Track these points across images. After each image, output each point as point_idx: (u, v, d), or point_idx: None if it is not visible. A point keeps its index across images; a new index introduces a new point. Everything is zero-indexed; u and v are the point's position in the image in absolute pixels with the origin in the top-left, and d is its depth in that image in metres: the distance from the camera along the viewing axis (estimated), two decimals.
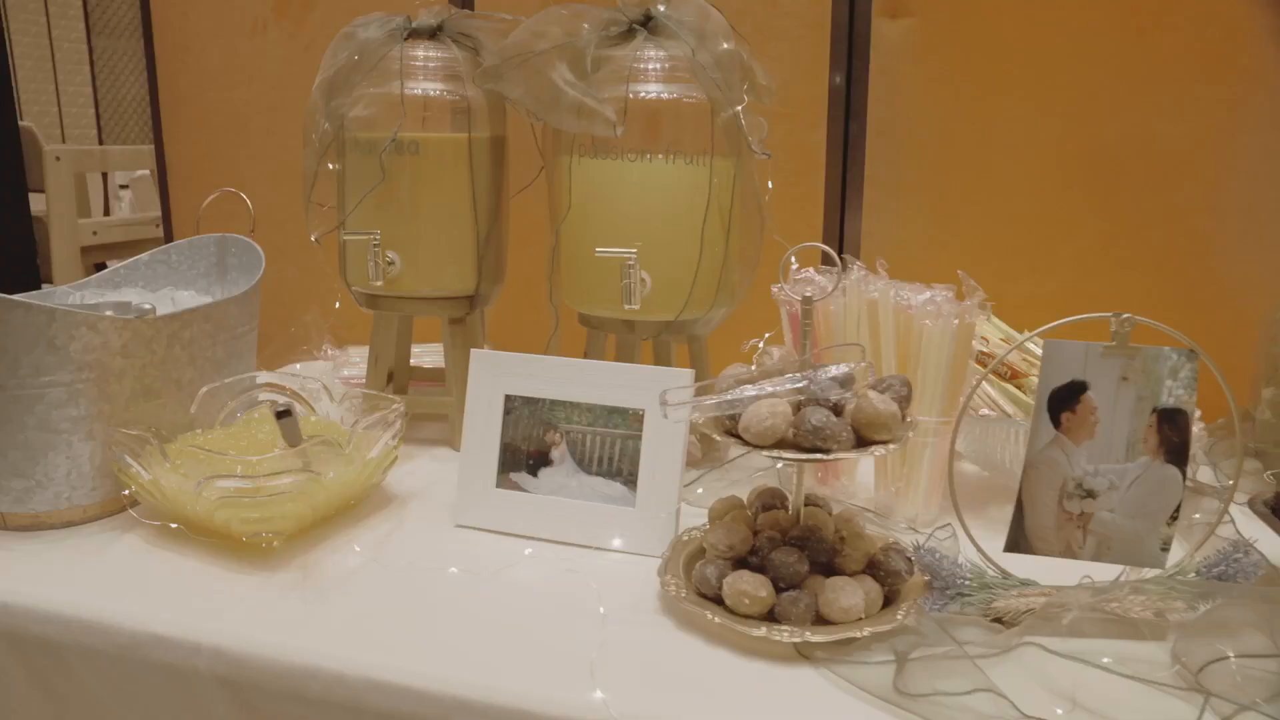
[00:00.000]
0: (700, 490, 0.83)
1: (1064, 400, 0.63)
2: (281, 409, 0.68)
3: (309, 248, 0.93)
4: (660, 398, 0.62)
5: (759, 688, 0.58)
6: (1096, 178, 1.03)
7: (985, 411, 0.83)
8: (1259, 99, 0.98)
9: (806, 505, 0.71)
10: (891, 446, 0.61)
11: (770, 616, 0.63)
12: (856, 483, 0.86)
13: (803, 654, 0.61)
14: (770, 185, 0.85)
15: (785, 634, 0.60)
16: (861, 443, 0.61)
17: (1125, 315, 0.62)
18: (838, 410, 0.62)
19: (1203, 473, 0.92)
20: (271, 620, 0.64)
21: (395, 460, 0.83)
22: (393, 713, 0.59)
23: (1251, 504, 0.72)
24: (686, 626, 0.64)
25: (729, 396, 0.61)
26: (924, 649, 0.60)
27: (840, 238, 1.09)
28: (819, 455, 0.59)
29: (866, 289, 0.78)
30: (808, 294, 0.64)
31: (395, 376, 1.03)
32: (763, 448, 0.60)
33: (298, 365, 1.07)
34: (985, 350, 0.88)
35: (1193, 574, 0.66)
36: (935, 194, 1.06)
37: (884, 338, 0.78)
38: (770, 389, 0.63)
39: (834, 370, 0.62)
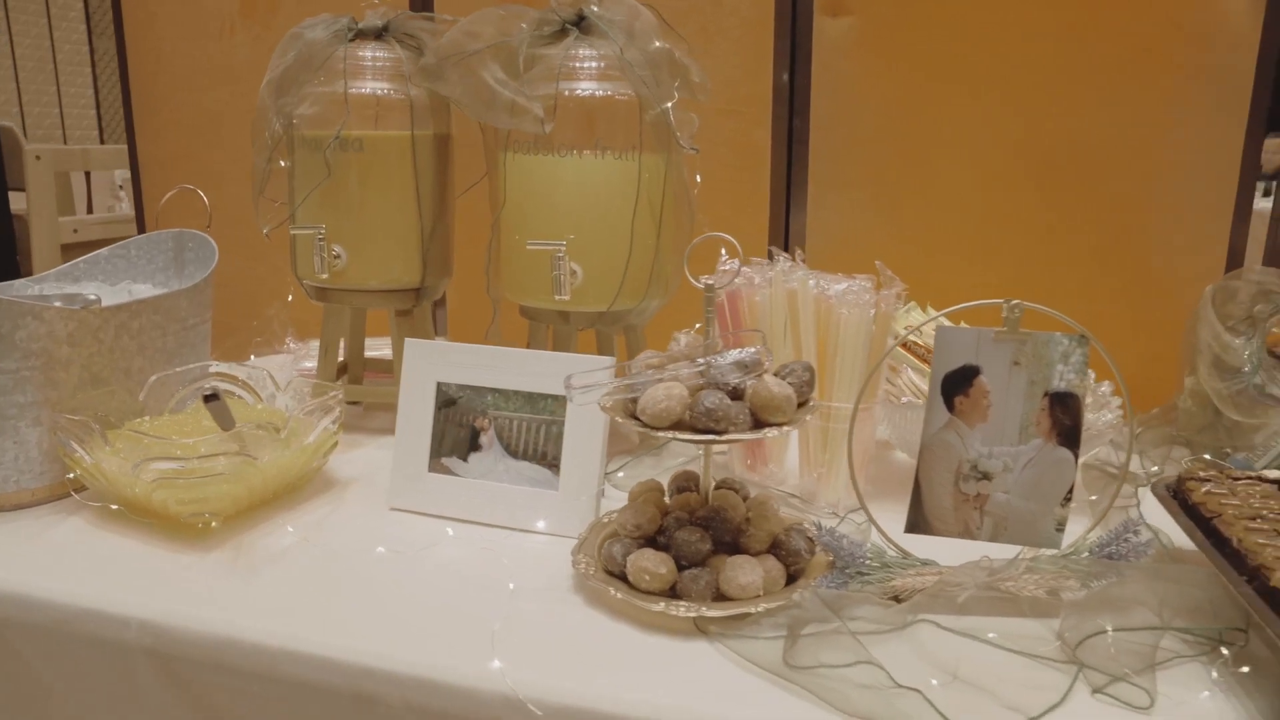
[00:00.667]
0: (621, 474, 0.85)
1: (957, 384, 0.65)
2: (208, 393, 0.71)
3: (278, 244, 0.96)
4: (565, 382, 0.65)
5: (655, 660, 0.60)
6: (1036, 172, 1.04)
7: (908, 399, 0.85)
8: (1195, 95, 1.00)
9: (723, 489, 0.74)
10: (786, 429, 0.64)
11: (673, 593, 0.65)
12: (785, 469, 0.88)
13: (700, 629, 0.63)
14: (699, 179, 0.88)
15: (682, 609, 0.63)
16: (758, 425, 0.64)
17: (1015, 301, 0.64)
18: (738, 394, 0.65)
19: (1134, 462, 0.94)
20: (199, 595, 0.67)
21: (336, 445, 0.86)
22: (304, 680, 0.62)
23: (1154, 488, 0.74)
24: (594, 603, 0.67)
25: (629, 380, 0.64)
26: (817, 625, 0.62)
27: (786, 232, 1.11)
28: (712, 436, 0.62)
29: (787, 279, 0.80)
30: (709, 282, 0.66)
31: (350, 367, 1.06)
32: (658, 429, 0.63)
33: (252, 357, 1.10)
34: (918, 340, 0.90)
35: (1086, 553, 0.68)
36: (879, 189, 1.08)
37: (803, 327, 0.80)
38: (672, 373, 0.65)
39: (734, 355, 0.65)
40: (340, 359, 1.06)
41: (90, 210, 2.32)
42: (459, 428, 0.81)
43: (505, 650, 0.61)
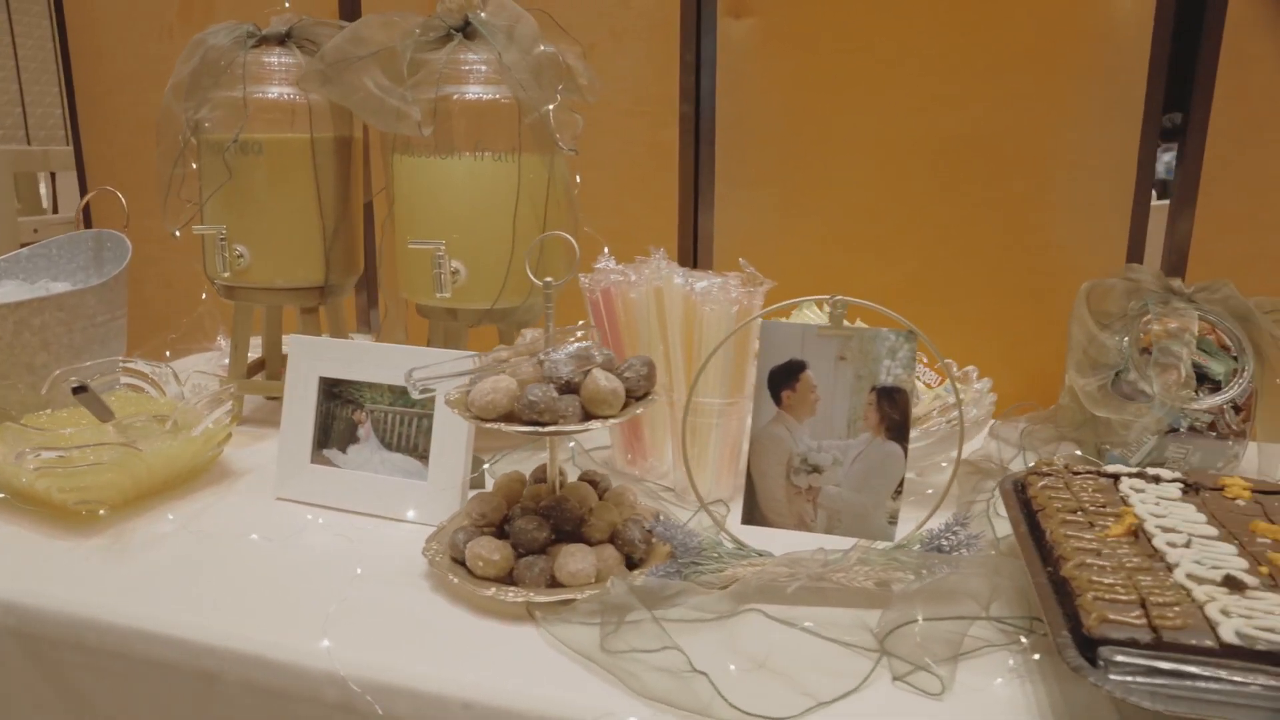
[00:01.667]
0: (486, 466, 0.88)
1: (783, 379, 0.67)
2: (76, 385, 0.74)
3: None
4: (405, 375, 0.67)
5: (481, 642, 0.63)
6: (937, 170, 1.05)
7: None
8: (1090, 95, 1.00)
9: (584, 480, 0.76)
10: (612, 421, 0.66)
11: (511, 579, 0.67)
12: (666, 463, 0.90)
13: (531, 614, 0.65)
14: (579, 179, 0.90)
15: (510, 594, 0.65)
16: (589, 417, 0.66)
17: (838, 297, 0.66)
18: (573, 387, 0.67)
19: (1019, 461, 0.94)
20: (66, 578, 0.71)
21: (229, 437, 0.89)
22: (153, 658, 0.65)
23: (1001, 484, 0.75)
24: (438, 588, 0.69)
25: (465, 372, 0.66)
26: (640, 612, 0.64)
27: (695, 232, 1.13)
28: (536, 428, 0.64)
29: (653, 276, 0.82)
30: (549, 280, 0.68)
31: (268, 363, 1.09)
32: (486, 421, 0.65)
33: (168, 353, 1.14)
34: None
35: (917, 546, 0.69)
36: (784, 187, 1.10)
37: (670, 323, 0.82)
38: (513, 367, 0.68)
39: (567, 350, 0.67)
40: (260, 355, 1.10)
41: (55, 210, 2.38)
42: (339, 421, 0.84)
43: (341, 631, 0.63)
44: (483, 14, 0.89)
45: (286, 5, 0.98)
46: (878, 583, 0.67)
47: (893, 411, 0.67)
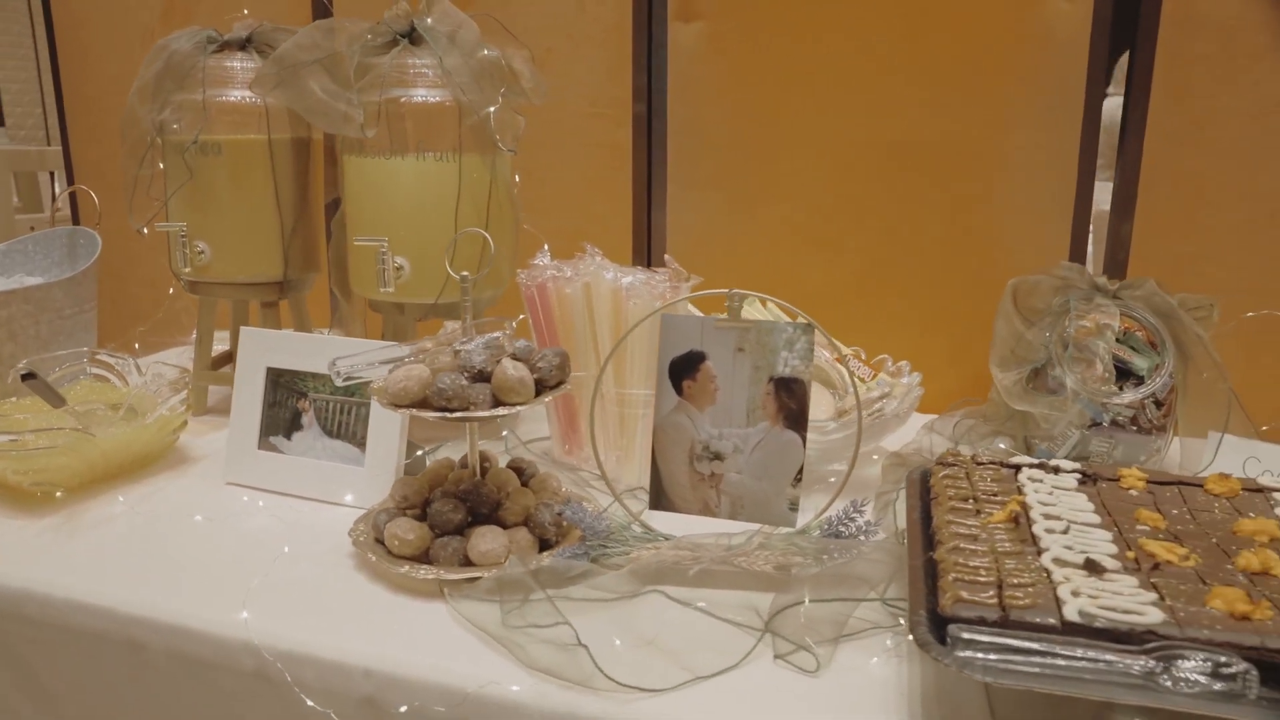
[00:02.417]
0: (420, 453, 0.91)
1: (684, 369, 0.70)
2: (25, 373, 0.79)
3: None
4: (329, 364, 0.71)
5: (392, 617, 0.66)
6: (883, 171, 1.07)
7: None
8: (1032, 97, 1.02)
9: (510, 467, 0.79)
10: (520, 407, 0.69)
11: (427, 558, 0.71)
12: (602, 453, 0.93)
13: (442, 591, 0.69)
14: (517, 179, 0.93)
15: (422, 572, 0.68)
16: (499, 404, 0.69)
17: (736, 290, 0.69)
18: (486, 376, 0.70)
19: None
20: (14, 555, 0.75)
21: (184, 424, 0.93)
22: (86, 628, 0.69)
23: (909, 475, 0.77)
24: (361, 567, 0.73)
25: (384, 360, 0.70)
26: (541, 592, 0.67)
27: (648, 232, 1.15)
28: (446, 413, 0.67)
29: (585, 272, 0.85)
30: (464, 274, 0.72)
31: (234, 356, 1.13)
32: (400, 406, 0.68)
33: (136, 346, 1.18)
34: None
35: (817, 532, 0.72)
36: (734, 188, 1.12)
37: (599, 317, 0.85)
38: (432, 356, 0.71)
39: (480, 340, 0.70)
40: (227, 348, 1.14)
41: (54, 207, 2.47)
42: (285, 409, 0.88)
43: (262, 604, 0.67)
44: (428, 20, 0.92)
45: (245, 12, 1.02)
46: (777, 567, 0.70)
47: (790, 401, 0.70)
